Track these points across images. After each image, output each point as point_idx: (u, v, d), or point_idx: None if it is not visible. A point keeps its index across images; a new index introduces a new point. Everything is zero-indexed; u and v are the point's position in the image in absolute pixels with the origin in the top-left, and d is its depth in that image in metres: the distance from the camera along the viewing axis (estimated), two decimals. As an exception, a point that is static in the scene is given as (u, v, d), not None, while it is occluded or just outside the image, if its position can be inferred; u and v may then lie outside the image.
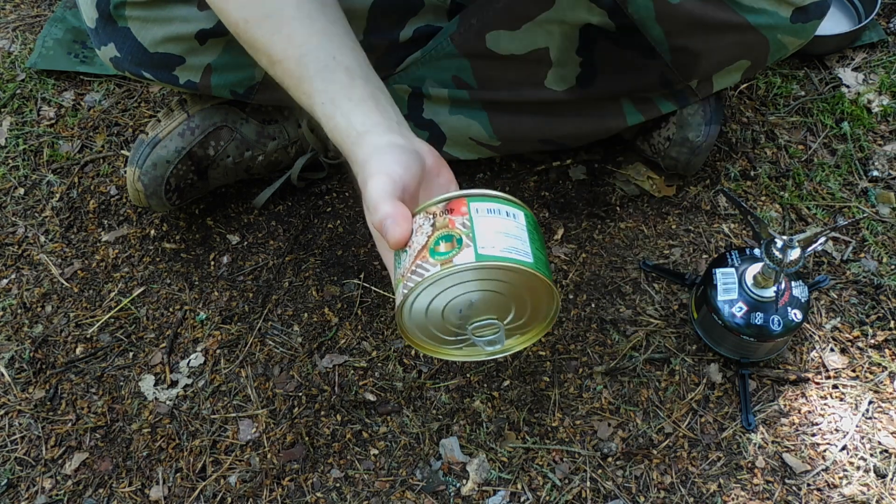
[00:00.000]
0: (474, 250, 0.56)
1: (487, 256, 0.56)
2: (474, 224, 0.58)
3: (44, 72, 1.32)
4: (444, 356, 0.68)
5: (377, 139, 0.64)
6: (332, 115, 0.67)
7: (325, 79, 0.68)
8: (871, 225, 1.09)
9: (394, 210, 0.58)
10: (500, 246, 0.57)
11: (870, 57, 1.28)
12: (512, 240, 0.58)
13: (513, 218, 0.60)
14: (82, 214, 1.16)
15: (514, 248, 0.58)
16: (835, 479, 0.90)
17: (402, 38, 0.99)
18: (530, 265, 0.57)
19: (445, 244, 0.57)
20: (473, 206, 0.59)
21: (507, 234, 0.58)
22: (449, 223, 0.58)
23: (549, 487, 0.91)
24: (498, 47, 0.93)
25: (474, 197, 0.60)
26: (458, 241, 0.57)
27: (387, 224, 0.58)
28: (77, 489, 0.94)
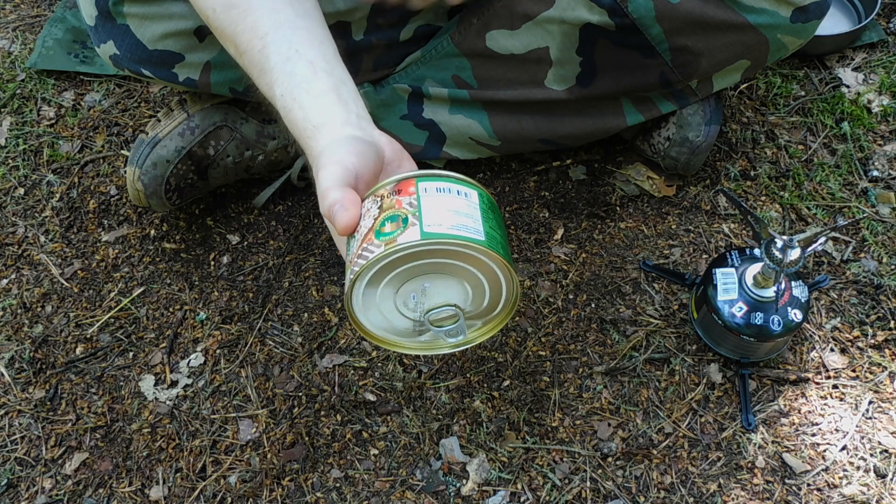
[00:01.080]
0: (420, 228, 0.54)
1: (433, 234, 0.53)
2: (421, 203, 0.56)
3: (44, 72, 1.32)
4: (402, 349, 0.65)
5: (333, 131, 0.63)
6: (290, 108, 0.66)
7: (285, 71, 0.67)
8: (871, 225, 1.09)
9: (342, 196, 0.57)
10: (447, 223, 0.54)
11: (870, 57, 1.28)
12: (462, 217, 0.55)
13: (464, 196, 0.57)
14: (82, 214, 1.16)
15: (464, 225, 0.55)
16: (835, 479, 0.90)
17: (402, 38, 0.99)
18: (481, 242, 0.54)
19: (391, 224, 0.55)
20: (422, 186, 0.57)
21: (456, 211, 0.56)
22: (396, 203, 0.56)
23: (549, 487, 0.91)
24: (498, 47, 0.93)
25: (423, 177, 0.58)
26: (405, 221, 0.54)
27: (334, 210, 0.57)
28: (77, 489, 0.93)
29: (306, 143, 0.65)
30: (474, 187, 0.59)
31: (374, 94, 1.03)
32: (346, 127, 0.63)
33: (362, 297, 0.59)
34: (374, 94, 1.03)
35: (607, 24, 0.88)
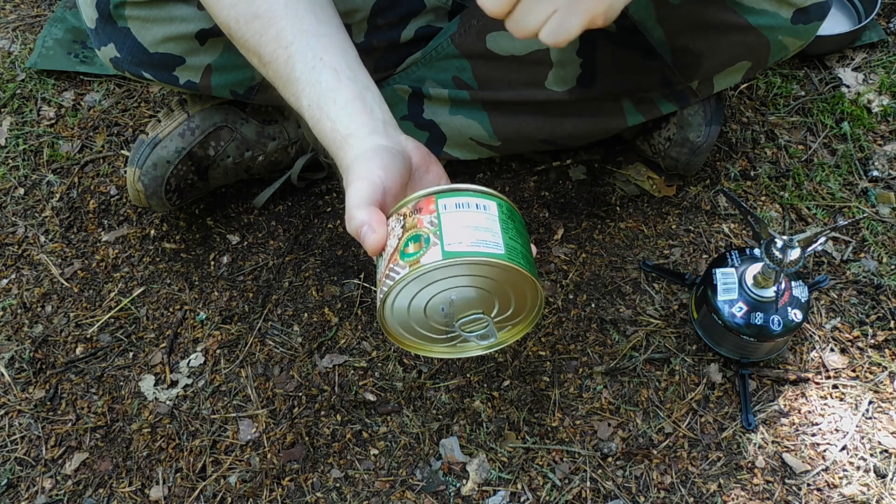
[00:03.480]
0: (441, 248, 0.56)
1: (454, 253, 0.56)
2: (441, 221, 0.57)
3: (44, 72, 1.32)
4: (438, 355, 0.67)
5: (361, 142, 0.64)
6: (319, 118, 0.67)
7: (311, 81, 0.68)
8: (871, 225, 1.09)
9: (369, 217, 0.58)
10: (468, 241, 0.56)
11: (870, 57, 1.28)
12: (481, 233, 0.57)
13: (483, 210, 0.59)
14: (82, 214, 1.16)
15: (484, 240, 0.57)
16: (835, 479, 0.90)
17: (403, 39, 0.99)
18: (501, 256, 0.56)
19: (414, 245, 0.57)
20: (441, 203, 0.58)
21: (476, 227, 0.57)
22: (417, 223, 0.58)
23: (549, 487, 0.91)
24: (498, 48, 0.93)
25: (442, 193, 0.59)
26: (426, 241, 0.57)
27: (363, 231, 0.58)
28: (77, 489, 0.94)
29: (336, 153, 0.65)
30: (493, 198, 0.61)
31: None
32: (374, 136, 0.64)
33: (393, 313, 0.61)
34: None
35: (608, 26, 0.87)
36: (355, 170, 0.62)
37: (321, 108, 0.66)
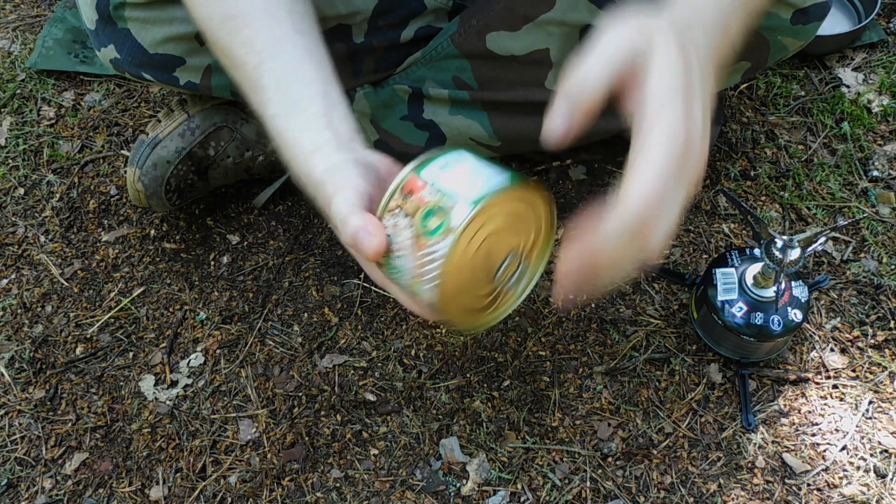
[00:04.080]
0: (464, 203, 0.53)
1: (479, 198, 0.53)
2: (441, 185, 0.55)
3: (44, 72, 1.32)
4: (494, 320, 0.63)
5: (328, 157, 0.61)
6: (284, 129, 0.64)
7: (280, 91, 0.65)
8: (871, 225, 1.09)
9: (364, 221, 0.55)
10: (478, 184, 0.54)
11: (870, 57, 1.28)
12: (480, 174, 0.55)
13: (464, 159, 0.57)
14: (82, 214, 1.16)
15: (488, 177, 0.55)
16: (835, 479, 0.90)
17: (403, 39, 0.99)
18: (514, 180, 0.55)
19: (434, 218, 0.54)
20: (426, 174, 0.56)
21: (472, 173, 0.55)
22: (419, 202, 0.55)
23: (549, 487, 0.91)
24: (498, 48, 0.93)
25: (419, 167, 0.57)
26: (443, 208, 0.54)
27: (360, 237, 0.55)
28: (77, 489, 0.94)
29: (300, 167, 0.62)
30: (458, 149, 0.59)
31: (375, 95, 1.03)
32: (339, 152, 0.62)
33: (449, 298, 0.57)
34: (375, 95, 1.03)
35: None
36: (334, 181, 0.59)
37: (287, 119, 0.63)
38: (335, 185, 0.59)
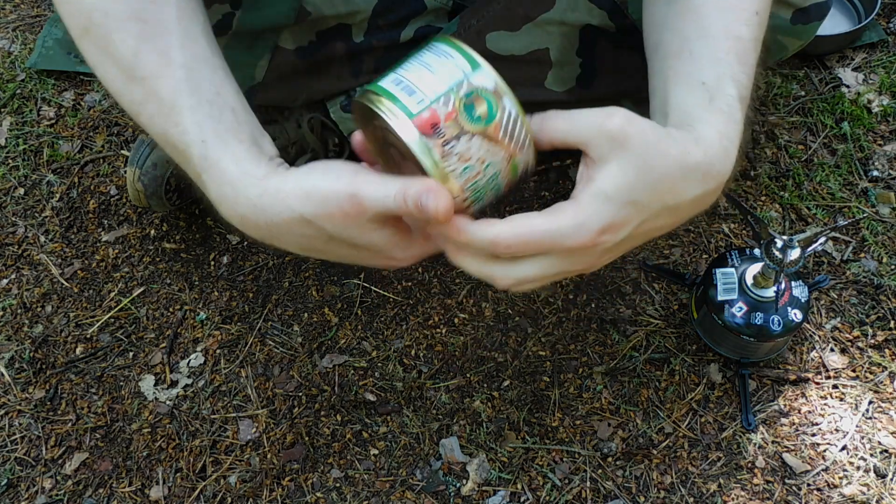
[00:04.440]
0: (475, 75, 0.52)
1: (474, 59, 0.54)
2: (439, 91, 0.51)
3: (44, 72, 1.32)
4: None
5: (292, 174, 0.54)
6: (220, 157, 0.55)
7: (209, 115, 0.56)
8: (871, 225, 1.09)
9: (404, 183, 0.49)
10: (458, 53, 0.53)
11: (870, 57, 1.28)
12: (444, 50, 0.54)
13: (415, 64, 0.53)
14: (82, 214, 1.16)
15: (445, 46, 0.54)
16: (835, 479, 0.90)
17: (402, 39, 0.99)
18: (447, 40, 0.55)
19: (476, 108, 0.51)
20: (419, 105, 0.50)
21: (438, 56, 0.53)
22: (449, 118, 0.50)
23: (549, 487, 0.91)
24: (498, 48, 0.93)
25: (403, 107, 0.50)
26: (469, 95, 0.51)
27: (423, 200, 0.48)
28: (77, 489, 0.94)
29: (249, 188, 0.54)
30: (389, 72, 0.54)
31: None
32: (285, 170, 0.56)
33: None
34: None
35: (607, 26, 0.88)
36: (325, 184, 0.52)
37: (224, 145, 0.55)
38: (333, 186, 0.52)
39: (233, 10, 0.89)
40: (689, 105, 0.56)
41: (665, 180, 0.51)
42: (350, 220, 0.51)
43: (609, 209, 0.51)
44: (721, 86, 0.56)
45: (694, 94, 0.56)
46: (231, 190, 0.54)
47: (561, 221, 0.51)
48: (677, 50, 0.59)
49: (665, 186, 0.51)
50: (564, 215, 0.51)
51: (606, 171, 0.51)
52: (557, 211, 0.52)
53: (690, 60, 0.58)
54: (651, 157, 0.50)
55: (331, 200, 0.51)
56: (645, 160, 0.51)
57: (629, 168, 0.51)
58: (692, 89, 0.57)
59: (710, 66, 0.57)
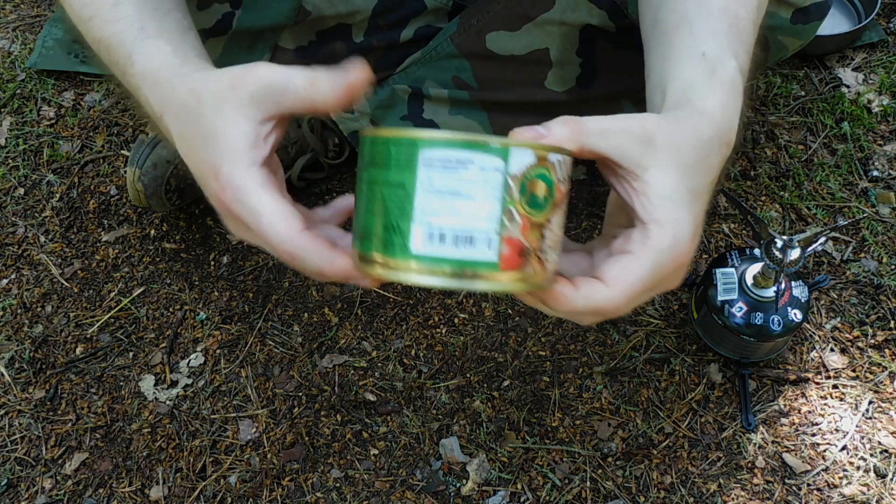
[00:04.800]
0: (517, 156, 0.41)
1: (500, 147, 0.41)
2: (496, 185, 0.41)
3: (44, 72, 1.32)
4: None
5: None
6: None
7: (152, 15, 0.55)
8: (871, 225, 1.09)
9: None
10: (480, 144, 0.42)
11: (870, 57, 1.28)
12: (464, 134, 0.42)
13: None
14: (82, 214, 1.16)
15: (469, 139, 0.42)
16: (835, 479, 0.90)
17: (402, 39, 0.99)
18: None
19: (539, 192, 0.42)
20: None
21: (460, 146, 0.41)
22: (524, 230, 0.42)
23: (549, 487, 0.91)
24: (498, 48, 0.93)
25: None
26: (532, 176, 0.42)
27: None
28: (77, 489, 0.94)
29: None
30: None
31: (375, 95, 1.03)
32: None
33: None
34: (375, 95, 1.03)
35: (607, 26, 0.88)
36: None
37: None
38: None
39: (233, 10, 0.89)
40: (690, 77, 0.54)
41: (698, 161, 0.49)
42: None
43: (683, 210, 0.47)
44: (722, 58, 0.55)
45: (694, 66, 0.54)
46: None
47: (656, 250, 0.47)
48: (676, 24, 0.57)
49: (701, 167, 0.49)
50: (655, 242, 0.47)
51: (654, 178, 0.47)
52: (643, 243, 0.47)
53: (690, 33, 0.56)
54: (679, 146, 0.48)
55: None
56: (677, 150, 0.48)
57: (668, 164, 0.48)
58: (692, 61, 0.55)
59: (711, 38, 0.55)
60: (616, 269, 0.47)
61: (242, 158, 0.47)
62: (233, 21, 0.89)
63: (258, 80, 0.49)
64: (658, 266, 0.46)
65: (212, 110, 0.49)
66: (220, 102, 0.49)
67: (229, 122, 0.48)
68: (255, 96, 0.48)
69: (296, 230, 0.46)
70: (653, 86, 0.58)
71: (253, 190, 0.47)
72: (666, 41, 0.58)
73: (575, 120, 0.46)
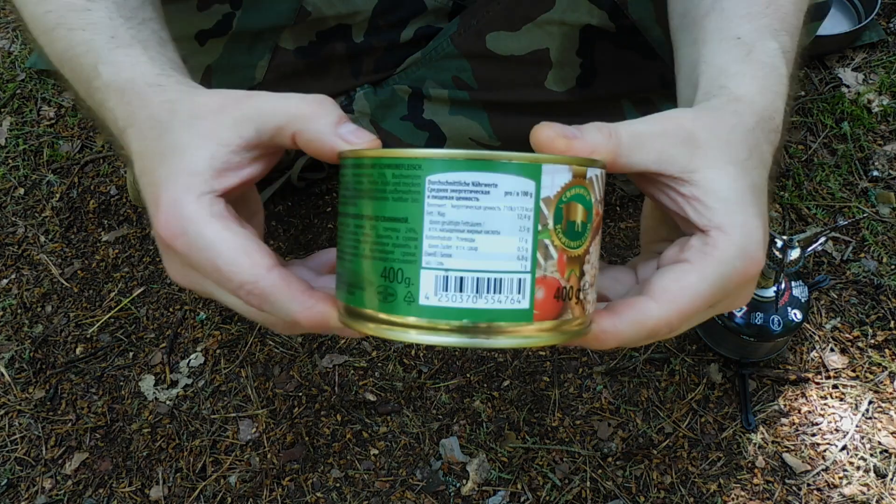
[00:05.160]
0: (551, 174, 0.34)
1: (532, 171, 0.34)
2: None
3: (44, 72, 1.32)
4: None
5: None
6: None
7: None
8: (871, 225, 1.09)
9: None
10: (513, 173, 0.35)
11: (870, 57, 1.28)
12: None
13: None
14: (82, 214, 1.16)
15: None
16: (835, 479, 0.90)
17: (402, 39, 0.99)
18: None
19: (577, 218, 0.35)
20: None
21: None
22: (562, 267, 0.35)
23: (549, 487, 0.91)
24: (498, 48, 0.93)
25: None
26: (568, 199, 0.35)
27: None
28: (77, 489, 0.94)
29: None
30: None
31: (375, 95, 1.03)
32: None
33: None
34: (375, 95, 1.03)
35: (608, 26, 0.88)
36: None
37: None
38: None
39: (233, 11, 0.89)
40: (723, 62, 0.46)
41: (750, 153, 0.42)
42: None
43: (749, 212, 0.40)
44: (761, 38, 0.47)
45: (727, 50, 0.47)
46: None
47: (721, 260, 0.39)
48: (706, 11, 0.50)
49: (755, 160, 0.42)
50: (720, 251, 0.39)
51: (707, 179, 0.40)
52: (703, 252, 0.40)
53: (722, 17, 0.49)
54: (727, 140, 0.41)
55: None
56: (726, 144, 0.41)
57: (720, 161, 0.41)
58: (725, 45, 0.47)
59: (746, 21, 0.48)
60: (667, 280, 0.39)
61: (196, 184, 0.39)
62: (233, 22, 0.89)
63: (254, 106, 0.40)
64: (722, 279, 0.39)
65: (182, 125, 0.41)
66: (195, 119, 0.41)
67: (196, 139, 0.40)
68: (241, 120, 0.40)
69: (263, 266, 0.38)
70: (683, 80, 0.52)
71: (204, 221, 0.38)
72: (696, 29, 0.51)
73: (609, 127, 0.40)
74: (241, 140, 0.40)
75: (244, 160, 0.40)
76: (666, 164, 0.40)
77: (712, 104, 0.44)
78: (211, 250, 0.38)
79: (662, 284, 0.39)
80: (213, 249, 0.38)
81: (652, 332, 0.39)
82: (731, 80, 0.45)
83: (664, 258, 0.41)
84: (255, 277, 0.37)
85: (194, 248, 0.38)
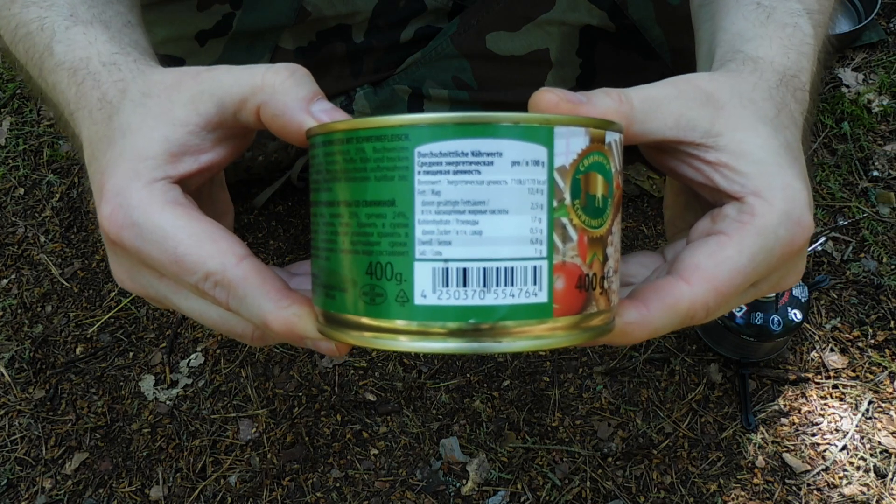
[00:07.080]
0: (566, 138, 0.28)
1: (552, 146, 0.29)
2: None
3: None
4: None
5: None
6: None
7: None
8: (871, 225, 1.09)
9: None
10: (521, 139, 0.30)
11: (870, 57, 1.28)
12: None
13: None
14: (82, 214, 1.16)
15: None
16: (835, 479, 0.90)
17: (402, 39, 0.99)
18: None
19: (597, 191, 0.29)
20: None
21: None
22: (583, 251, 0.29)
23: (549, 487, 0.91)
24: (498, 48, 0.93)
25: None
26: (586, 167, 0.29)
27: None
28: (77, 489, 0.94)
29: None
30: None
31: (375, 95, 1.03)
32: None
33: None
34: (375, 95, 1.03)
35: (608, 26, 0.88)
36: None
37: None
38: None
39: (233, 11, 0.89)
40: (740, 27, 0.42)
41: (778, 110, 0.37)
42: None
43: (788, 173, 0.35)
44: (781, 2, 0.43)
45: (745, 17, 0.42)
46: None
47: (760, 228, 0.34)
48: None
49: (784, 118, 0.37)
50: (759, 218, 0.34)
51: (735, 141, 0.35)
52: (740, 221, 0.34)
53: None
54: (750, 97, 0.37)
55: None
56: (750, 101, 0.37)
57: (748, 119, 0.36)
58: (743, 11, 0.43)
59: None
60: (700, 256, 0.33)
61: (146, 170, 0.34)
62: (233, 22, 0.89)
63: (213, 78, 0.36)
64: (764, 251, 0.33)
65: (133, 104, 0.36)
66: (147, 97, 0.36)
67: (148, 119, 0.35)
68: (199, 95, 0.35)
69: (232, 254, 0.33)
70: (702, 57, 0.47)
71: (157, 208, 0.33)
72: (715, 3, 0.47)
73: (620, 92, 0.35)
74: (200, 118, 0.35)
75: (205, 142, 0.35)
76: (686, 129, 0.35)
77: (728, 67, 0.40)
78: (168, 239, 0.32)
79: (695, 261, 0.33)
80: (171, 238, 0.32)
81: (686, 318, 0.33)
82: (748, 45, 0.40)
83: (694, 231, 0.36)
84: (223, 266, 0.32)
85: (147, 240, 0.33)
